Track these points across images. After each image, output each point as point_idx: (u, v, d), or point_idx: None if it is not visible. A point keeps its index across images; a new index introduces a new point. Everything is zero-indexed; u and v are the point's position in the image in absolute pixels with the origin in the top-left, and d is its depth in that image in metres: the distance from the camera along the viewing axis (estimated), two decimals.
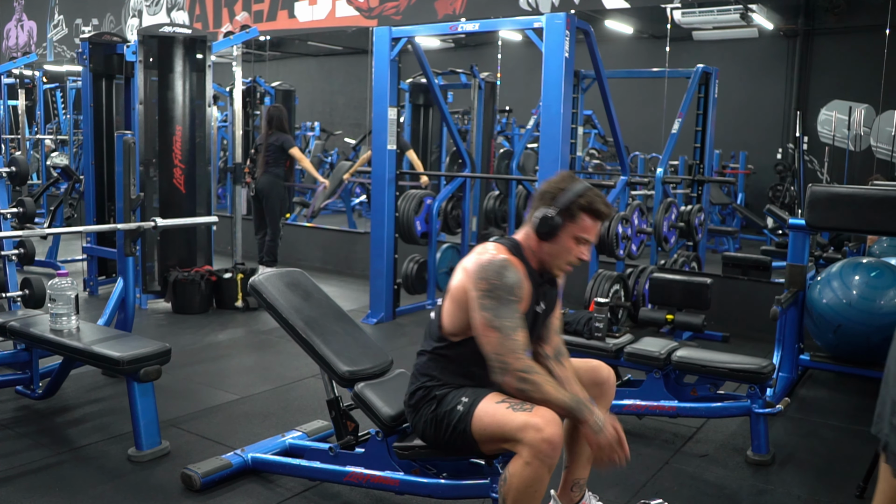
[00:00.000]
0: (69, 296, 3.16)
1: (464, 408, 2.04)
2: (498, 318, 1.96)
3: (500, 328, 1.96)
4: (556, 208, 2.06)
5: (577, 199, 2.05)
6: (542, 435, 1.88)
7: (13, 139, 10.31)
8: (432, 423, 2.12)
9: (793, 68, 7.81)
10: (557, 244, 2.08)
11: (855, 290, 3.73)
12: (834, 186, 3.77)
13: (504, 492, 1.96)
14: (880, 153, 6.71)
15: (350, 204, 8.95)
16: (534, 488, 1.92)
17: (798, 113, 7.36)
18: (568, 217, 2.06)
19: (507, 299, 1.98)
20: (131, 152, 3.95)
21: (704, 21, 6.80)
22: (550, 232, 2.06)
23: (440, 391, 2.13)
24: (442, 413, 2.09)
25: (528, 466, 1.90)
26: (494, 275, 1.99)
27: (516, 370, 1.95)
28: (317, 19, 7.83)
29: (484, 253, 2.07)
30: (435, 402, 2.13)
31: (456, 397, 2.09)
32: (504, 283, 1.98)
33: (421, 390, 2.17)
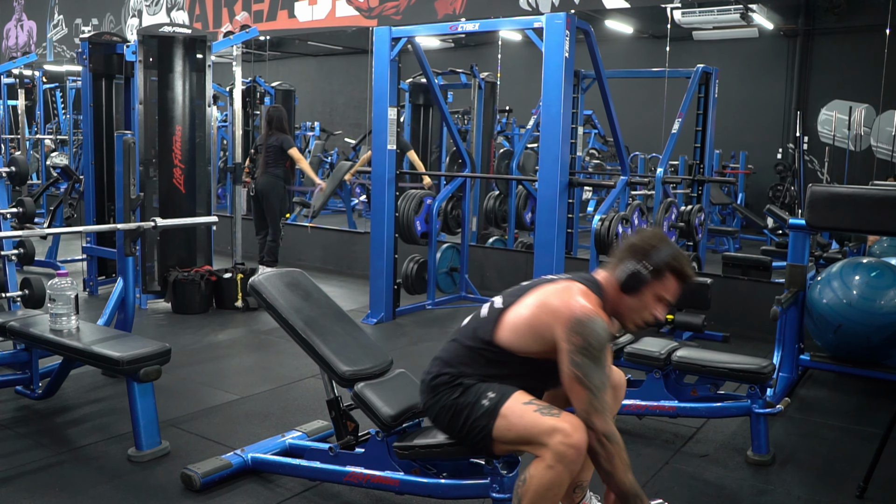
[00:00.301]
0: (69, 296, 3.16)
1: (490, 403, 2.02)
2: (588, 378, 1.93)
3: (591, 388, 1.93)
4: (647, 266, 2.06)
5: (670, 260, 2.07)
6: (570, 441, 1.90)
7: (13, 139, 10.31)
8: (451, 411, 2.10)
9: (793, 68, 7.82)
10: (638, 300, 2.09)
11: (855, 290, 3.73)
12: (834, 186, 3.77)
13: (522, 492, 1.97)
14: (880, 153, 6.71)
15: (350, 204, 8.95)
16: (553, 492, 1.94)
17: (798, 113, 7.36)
18: (656, 276, 2.07)
19: (599, 359, 1.95)
20: (131, 152, 3.95)
21: (704, 21, 6.80)
22: (636, 288, 2.07)
23: (468, 381, 2.11)
24: (464, 403, 2.07)
25: (551, 470, 1.91)
26: (591, 334, 1.94)
27: (601, 432, 1.92)
28: (317, 19, 7.83)
29: (573, 300, 2.00)
30: (459, 390, 2.10)
31: (481, 391, 2.07)
32: (598, 344, 1.95)
33: (446, 376, 2.14)
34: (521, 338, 2.09)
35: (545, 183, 4.40)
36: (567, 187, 4.48)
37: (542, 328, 2.04)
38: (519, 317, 2.09)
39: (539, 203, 4.49)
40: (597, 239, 4.73)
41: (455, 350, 2.18)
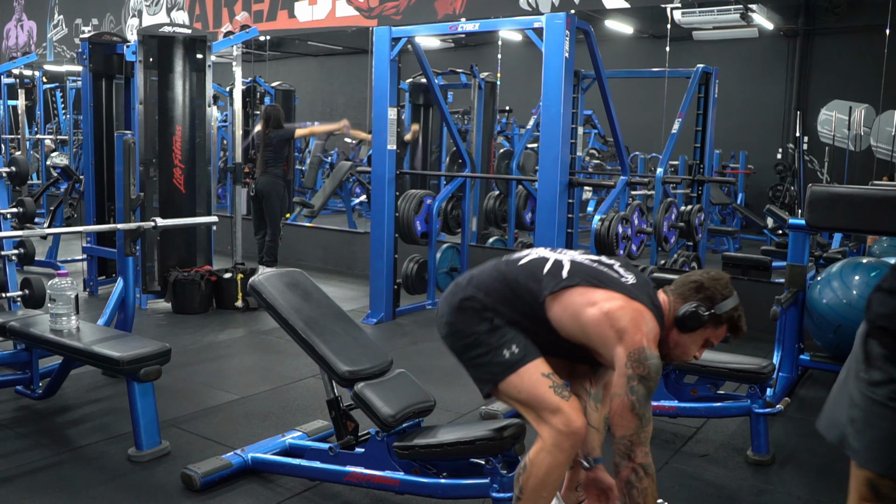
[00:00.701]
0: (69, 296, 3.16)
1: (510, 357, 2.01)
2: (642, 408, 1.93)
3: (641, 417, 1.92)
4: (712, 311, 2.06)
5: (732, 311, 2.09)
6: (570, 426, 1.93)
7: (13, 139, 10.31)
8: (470, 339, 2.07)
9: (793, 68, 7.81)
10: (688, 339, 2.09)
11: (855, 290, 3.73)
12: (834, 186, 3.77)
13: (523, 480, 1.99)
14: (880, 153, 6.71)
15: (350, 204, 8.95)
16: (553, 476, 1.97)
17: (798, 113, 7.36)
18: (713, 322, 2.08)
19: (652, 392, 1.96)
20: (131, 152, 3.95)
21: (704, 21, 6.80)
22: (692, 328, 2.06)
23: (498, 320, 2.06)
24: (486, 342, 2.04)
25: (550, 455, 1.94)
26: (653, 367, 1.93)
27: (639, 463, 1.92)
28: (317, 19, 7.83)
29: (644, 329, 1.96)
30: (486, 325, 2.06)
31: (507, 338, 2.04)
32: (656, 378, 1.95)
33: (478, 303, 2.08)
34: (573, 327, 2.03)
35: (545, 183, 4.40)
36: (567, 187, 4.48)
37: (602, 338, 1.99)
38: (581, 310, 2.01)
39: (539, 203, 4.49)
40: (597, 239, 4.73)
41: (499, 284, 2.10)
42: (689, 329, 2.06)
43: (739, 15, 6.62)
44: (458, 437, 2.28)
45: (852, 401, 1.54)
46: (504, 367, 2.01)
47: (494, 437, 2.19)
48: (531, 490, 1.98)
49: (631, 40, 8.09)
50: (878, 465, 1.48)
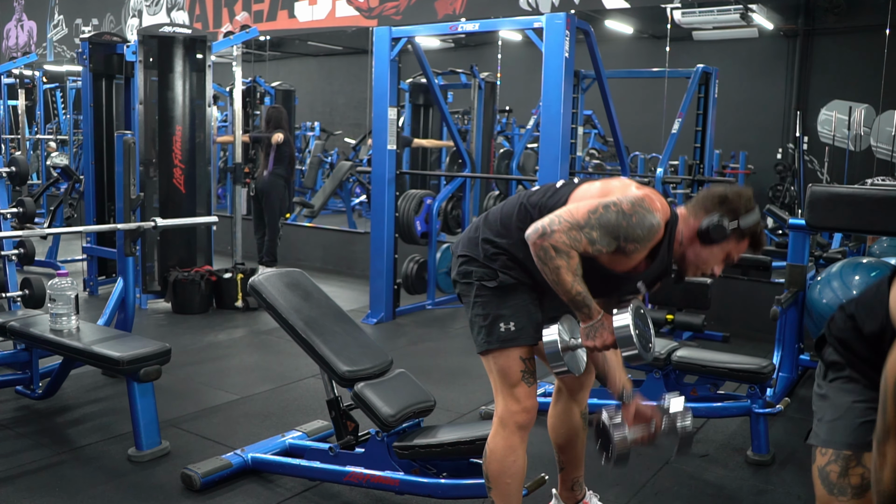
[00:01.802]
0: (69, 296, 3.16)
1: (504, 334, 2.02)
2: (598, 226, 1.89)
3: (585, 225, 1.89)
4: (735, 224, 1.98)
5: (755, 227, 2.00)
6: (520, 405, 2.02)
7: (13, 139, 10.31)
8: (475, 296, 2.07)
9: (793, 68, 7.81)
10: (709, 251, 2.01)
11: (855, 290, 3.73)
12: (834, 186, 3.77)
13: (486, 468, 2.07)
14: (880, 153, 6.71)
15: (350, 204, 8.95)
16: (511, 458, 2.04)
17: (798, 113, 7.36)
18: (736, 235, 1.99)
19: (618, 236, 1.90)
20: (131, 152, 3.95)
21: (704, 21, 6.79)
22: (714, 240, 1.99)
23: (506, 274, 2.04)
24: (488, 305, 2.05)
25: (502, 436, 2.04)
26: (639, 219, 1.89)
27: (552, 243, 1.87)
28: (317, 19, 7.83)
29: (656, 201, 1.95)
30: (493, 278, 2.05)
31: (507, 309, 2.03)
32: (634, 231, 1.90)
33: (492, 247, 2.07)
34: None
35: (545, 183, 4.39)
36: None
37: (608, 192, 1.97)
38: (591, 188, 2.02)
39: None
40: None
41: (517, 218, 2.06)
42: (713, 241, 1.98)
43: (739, 15, 6.62)
44: (458, 437, 2.28)
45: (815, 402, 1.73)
46: (495, 340, 2.04)
47: None
48: (495, 476, 2.06)
49: (631, 40, 8.09)
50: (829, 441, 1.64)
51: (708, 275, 2.07)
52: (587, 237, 1.88)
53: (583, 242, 1.89)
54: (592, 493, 2.45)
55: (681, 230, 2.02)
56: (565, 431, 2.32)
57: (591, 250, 1.90)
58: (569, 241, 1.87)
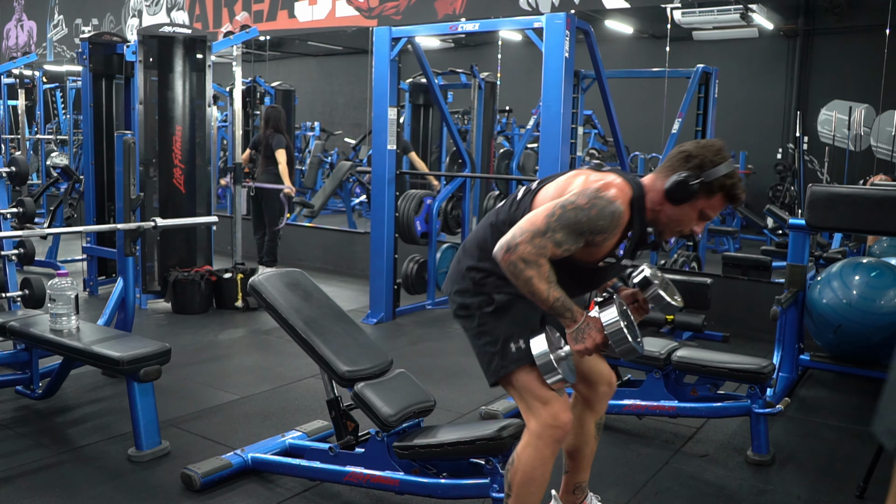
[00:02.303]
0: (69, 296, 3.16)
1: (516, 353, 2.00)
2: (557, 224, 1.88)
3: (548, 230, 1.88)
4: (700, 178, 1.91)
5: (724, 178, 1.92)
6: (556, 421, 1.95)
7: (13, 139, 10.31)
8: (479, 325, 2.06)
9: (793, 68, 7.81)
10: (681, 211, 1.96)
11: (855, 290, 3.73)
12: (834, 186, 3.77)
13: (511, 475, 2.01)
14: (880, 153, 6.71)
15: (350, 204, 8.95)
16: (539, 470, 1.97)
17: (798, 113, 7.36)
18: (706, 191, 1.93)
19: (582, 229, 1.89)
20: (131, 152, 3.95)
21: (704, 21, 6.79)
22: (682, 199, 1.93)
23: (498, 294, 2.04)
24: (495, 329, 2.03)
25: (535, 448, 1.97)
26: (598, 210, 1.88)
27: (517, 254, 1.87)
28: (317, 19, 7.83)
29: (611, 185, 1.92)
30: (489, 303, 2.05)
31: (515, 328, 2.02)
32: (594, 222, 1.88)
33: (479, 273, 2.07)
34: None
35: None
36: None
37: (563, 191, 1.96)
38: (548, 191, 2.01)
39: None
40: None
41: (492, 239, 2.04)
42: (680, 200, 1.93)
43: (739, 15, 6.62)
44: (458, 437, 2.28)
45: None
46: (510, 361, 2.01)
47: (494, 437, 2.19)
48: (518, 485, 2.00)
49: (631, 40, 8.09)
50: None
51: (687, 234, 2.04)
52: (552, 241, 1.88)
53: (549, 248, 1.88)
54: (594, 495, 2.44)
55: (650, 198, 1.98)
56: (575, 440, 2.30)
57: (559, 252, 1.90)
58: (535, 249, 1.87)
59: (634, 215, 1.96)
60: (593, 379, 2.28)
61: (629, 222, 1.95)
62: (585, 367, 2.26)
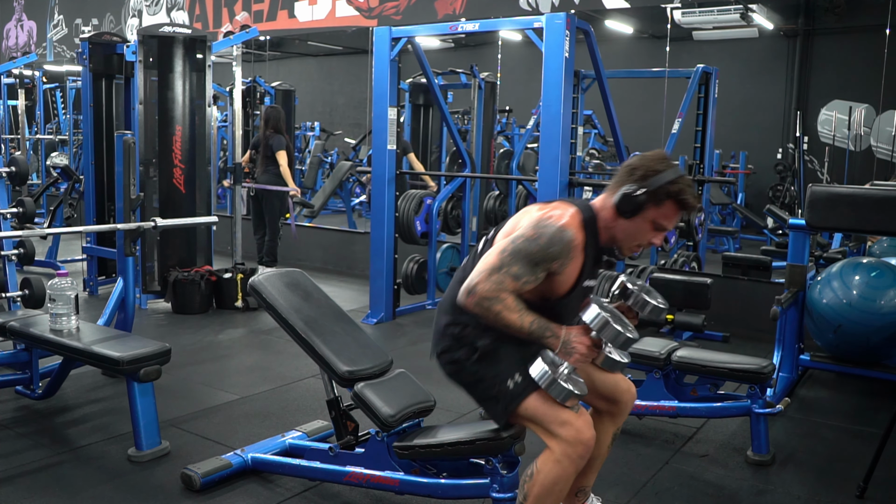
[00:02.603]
0: (69, 296, 3.16)
1: (515, 388, 2.00)
2: (511, 259, 1.93)
3: (503, 266, 1.93)
4: (644, 188, 1.95)
5: (669, 185, 1.95)
6: (579, 437, 1.93)
7: (13, 139, 10.31)
8: (471, 377, 2.07)
9: (793, 68, 7.82)
10: (634, 224, 1.99)
11: (855, 290, 3.73)
12: (834, 186, 3.77)
13: (529, 487, 1.99)
14: (880, 153, 6.71)
15: (350, 204, 8.95)
16: (559, 486, 1.96)
17: (798, 113, 7.37)
18: (653, 200, 1.95)
19: (537, 259, 1.93)
20: (131, 152, 3.95)
21: (704, 21, 6.80)
22: (632, 211, 1.97)
23: (481, 341, 2.06)
24: (486, 375, 2.04)
25: (559, 465, 1.93)
26: (548, 237, 1.92)
27: (479, 294, 1.93)
28: (317, 19, 7.83)
29: (557, 210, 1.98)
30: (474, 352, 2.06)
31: (504, 367, 2.03)
32: (547, 249, 1.92)
33: (457, 327, 2.09)
34: None
35: (545, 183, 4.40)
36: (567, 187, 4.48)
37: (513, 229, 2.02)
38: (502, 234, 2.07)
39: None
40: None
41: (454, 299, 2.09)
42: (630, 213, 1.97)
43: (739, 15, 6.62)
44: (458, 437, 2.28)
45: None
46: (511, 397, 2.01)
47: (494, 437, 2.19)
48: (535, 497, 1.98)
49: (631, 40, 8.09)
50: None
51: (646, 247, 2.06)
52: (509, 275, 1.92)
53: (507, 282, 1.93)
54: (595, 497, 2.44)
55: (602, 217, 2.02)
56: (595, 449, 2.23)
57: (520, 286, 1.94)
58: (493, 286, 1.92)
59: (588, 237, 1.99)
60: (617, 397, 2.25)
61: (585, 245, 1.99)
62: (607, 386, 2.25)
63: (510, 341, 2.05)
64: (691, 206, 2.00)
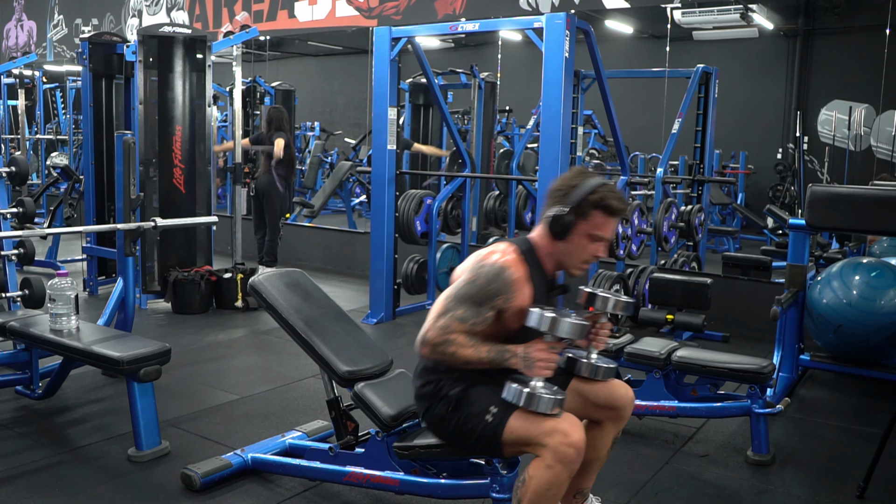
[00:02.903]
0: (69, 296, 3.16)
1: (494, 419, 2.02)
2: (456, 304, 2.01)
3: (448, 311, 2.02)
4: (568, 206, 2.01)
5: (588, 196, 2.00)
6: (568, 440, 1.91)
7: (13, 139, 10.31)
8: (454, 427, 2.09)
9: (793, 68, 7.81)
10: (571, 243, 2.05)
11: (855, 290, 3.73)
12: (834, 186, 3.77)
13: (521, 493, 1.98)
14: (880, 153, 6.71)
15: (350, 204, 8.95)
16: (552, 491, 1.95)
17: (798, 113, 7.37)
18: (580, 215, 2.01)
19: (479, 300, 2.00)
20: (131, 152, 3.95)
21: (704, 21, 6.80)
22: (563, 231, 2.03)
23: (453, 390, 2.09)
24: (466, 418, 2.06)
25: (550, 470, 1.92)
26: (485, 276, 2.00)
27: (431, 342, 2.01)
28: (317, 19, 7.83)
29: (494, 252, 2.06)
30: (450, 403, 2.09)
31: (479, 404, 2.05)
32: (486, 288, 1.99)
33: (430, 385, 2.14)
34: None
35: (545, 183, 4.39)
36: None
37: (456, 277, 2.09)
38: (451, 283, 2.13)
39: (539, 203, 4.48)
40: None
41: None
42: (562, 233, 2.04)
43: (739, 15, 6.62)
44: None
45: None
46: (492, 428, 2.02)
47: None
48: (529, 502, 1.97)
49: (631, 40, 8.09)
50: None
51: (592, 260, 2.10)
52: (455, 319, 2.00)
53: (453, 325, 2.00)
54: (594, 496, 2.43)
55: (541, 245, 2.10)
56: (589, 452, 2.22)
57: (467, 328, 2.00)
58: (440, 331, 2.00)
59: (531, 268, 2.06)
60: (615, 403, 2.24)
61: (530, 275, 2.04)
62: (603, 395, 2.24)
63: (481, 383, 2.09)
64: (618, 210, 2.04)
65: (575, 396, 2.22)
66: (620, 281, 4.82)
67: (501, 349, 1.98)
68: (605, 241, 2.07)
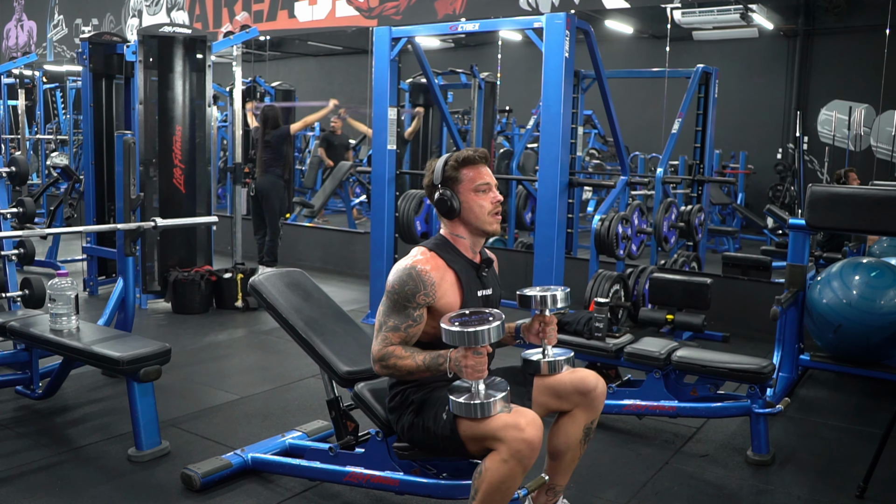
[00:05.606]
0: (69, 296, 3.16)
1: (448, 415, 2.06)
2: (385, 316, 2.13)
3: (382, 325, 2.13)
4: (439, 185, 2.19)
5: (445, 166, 2.18)
6: (521, 435, 1.92)
7: (13, 139, 10.31)
8: (420, 431, 2.14)
9: (793, 68, 7.81)
10: (466, 208, 2.18)
11: (855, 290, 3.73)
12: (834, 186, 3.77)
13: (477, 484, 2.00)
14: (880, 153, 6.71)
15: (350, 204, 8.95)
16: (507, 485, 1.96)
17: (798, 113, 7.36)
18: (452, 182, 2.18)
19: (401, 304, 2.10)
20: (131, 152, 3.95)
21: (704, 21, 6.80)
22: (450, 205, 2.17)
23: (416, 395, 2.17)
24: (427, 420, 2.12)
25: (505, 464, 1.94)
26: (397, 281, 2.11)
27: (375, 359, 2.13)
28: (317, 19, 7.83)
29: (404, 259, 2.17)
30: (414, 408, 2.16)
31: (437, 404, 2.11)
32: (402, 291, 2.10)
33: (398, 396, 2.22)
34: None
35: (545, 183, 4.40)
36: (567, 187, 4.48)
37: None
38: None
39: (539, 203, 4.48)
40: (597, 239, 4.73)
41: None
42: (451, 208, 2.17)
43: (739, 15, 6.62)
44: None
45: None
46: (450, 425, 2.05)
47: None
48: (484, 494, 1.98)
49: (631, 40, 8.09)
50: None
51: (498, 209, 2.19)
52: (389, 330, 2.12)
53: (390, 336, 2.12)
54: (565, 501, 2.42)
55: (449, 232, 2.23)
56: (559, 441, 2.28)
57: (403, 334, 2.11)
58: (381, 345, 2.12)
59: (446, 255, 2.17)
60: (585, 387, 2.23)
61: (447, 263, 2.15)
62: (571, 383, 2.24)
63: (441, 387, 2.14)
64: (475, 157, 2.19)
65: (543, 392, 2.24)
66: (620, 281, 4.82)
67: (435, 356, 2.04)
68: (489, 185, 2.19)
